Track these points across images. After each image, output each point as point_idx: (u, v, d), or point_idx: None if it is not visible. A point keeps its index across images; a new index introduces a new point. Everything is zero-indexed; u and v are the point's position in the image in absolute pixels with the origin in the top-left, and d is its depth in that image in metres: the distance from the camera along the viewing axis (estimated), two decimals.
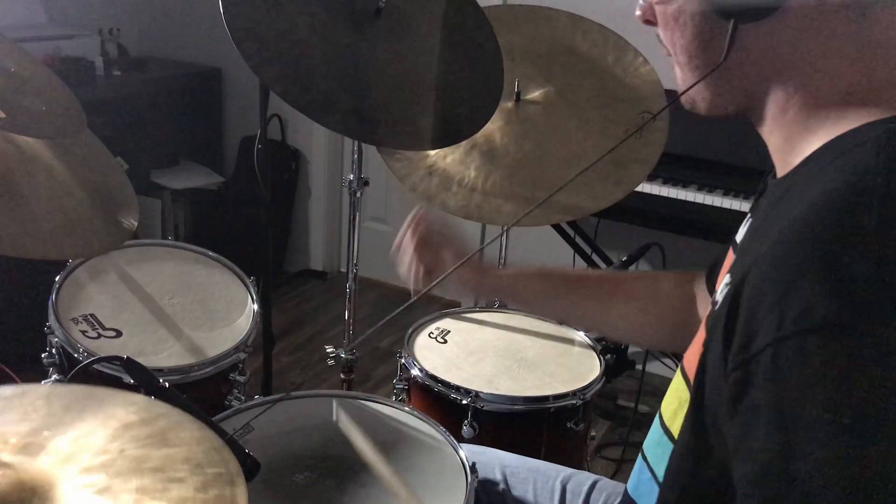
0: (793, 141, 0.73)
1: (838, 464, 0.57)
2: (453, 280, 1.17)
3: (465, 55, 1.50)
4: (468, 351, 1.65)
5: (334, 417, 1.32)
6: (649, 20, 0.79)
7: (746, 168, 2.40)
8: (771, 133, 0.76)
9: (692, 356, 0.80)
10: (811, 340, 0.58)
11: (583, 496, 1.17)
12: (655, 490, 0.85)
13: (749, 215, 0.88)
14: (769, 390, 0.60)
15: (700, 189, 2.43)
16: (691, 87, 0.77)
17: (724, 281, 0.77)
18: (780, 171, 0.76)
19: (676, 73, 0.80)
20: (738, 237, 0.87)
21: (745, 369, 0.62)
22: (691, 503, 0.75)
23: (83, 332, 1.47)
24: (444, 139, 1.49)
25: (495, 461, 1.26)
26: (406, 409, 1.35)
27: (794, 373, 0.59)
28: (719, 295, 0.75)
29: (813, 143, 0.70)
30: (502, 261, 2.25)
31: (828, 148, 0.68)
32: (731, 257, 0.88)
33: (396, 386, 1.60)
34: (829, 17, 0.68)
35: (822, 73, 0.70)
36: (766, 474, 0.61)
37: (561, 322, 1.30)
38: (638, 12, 0.79)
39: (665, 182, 2.46)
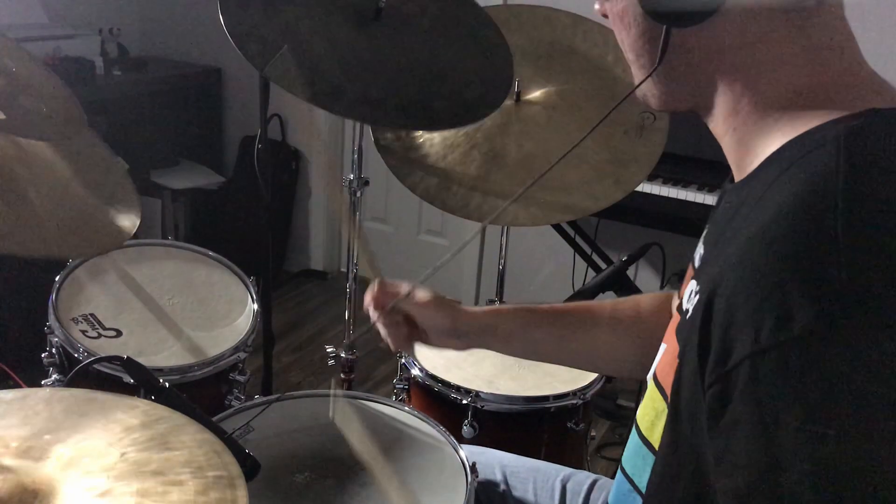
0: (747, 143, 0.73)
1: (825, 474, 0.57)
2: (428, 327, 1.10)
3: (471, 48, 1.50)
4: (468, 351, 1.64)
5: (334, 417, 1.32)
6: (605, 14, 0.80)
7: None
8: (724, 134, 0.76)
9: (665, 366, 0.79)
10: (789, 351, 0.57)
11: (583, 495, 1.18)
12: (637, 502, 0.85)
13: (708, 223, 0.87)
14: (749, 404, 0.60)
15: (700, 189, 2.43)
16: (635, 88, 0.79)
17: (689, 288, 0.76)
18: (737, 174, 0.76)
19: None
20: (698, 251, 0.86)
21: (724, 383, 0.61)
22: None
23: (83, 331, 1.47)
24: (458, 120, 1.48)
25: (495, 461, 1.26)
26: (406, 409, 1.35)
27: (775, 385, 0.58)
28: (688, 303, 0.74)
29: (769, 145, 0.70)
30: (502, 260, 2.25)
31: (785, 150, 0.68)
32: (691, 269, 0.87)
33: (396, 386, 1.60)
34: (771, 20, 0.69)
35: (768, 74, 0.70)
36: (752, 489, 0.60)
37: (547, 360, 1.21)
38: (597, 6, 0.80)
39: (665, 182, 2.46)
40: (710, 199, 2.39)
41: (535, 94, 1.75)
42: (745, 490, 0.60)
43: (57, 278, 1.55)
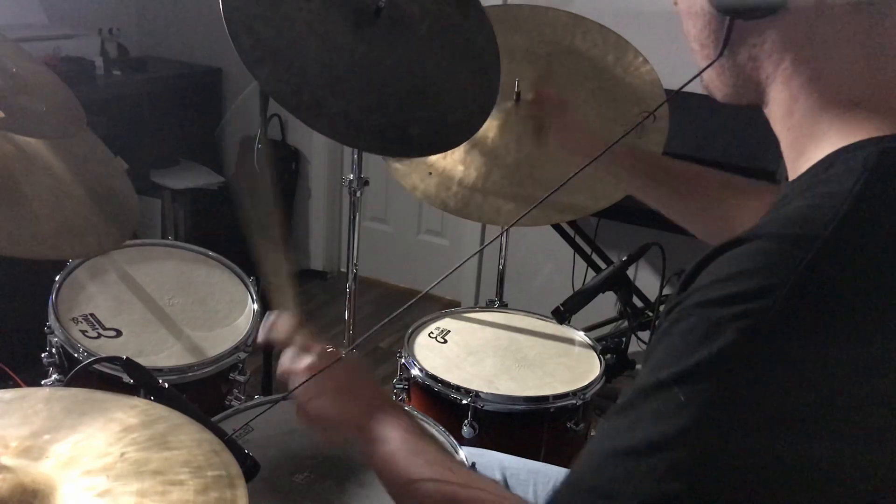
0: (800, 146, 0.72)
1: (661, 427, 0.60)
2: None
3: (463, 57, 1.50)
4: (468, 351, 1.65)
5: None
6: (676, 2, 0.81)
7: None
8: (780, 134, 0.76)
9: None
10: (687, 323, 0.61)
11: None
12: None
13: None
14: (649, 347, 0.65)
15: None
16: (694, 77, 0.80)
17: None
18: (791, 175, 0.76)
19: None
20: None
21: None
22: None
23: (83, 331, 1.47)
24: (431, 147, 1.48)
25: (495, 463, 1.26)
26: (406, 409, 1.35)
27: (676, 337, 0.62)
28: None
29: (822, 150, 0.69)
30: (502, 260, 2.25)
31: (829, 160, 0.67)
32: None
33: (396, 386, 1.60)
34: (839, 18, 0.67)
35: (827, 76, 0.69)
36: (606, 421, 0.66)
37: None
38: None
39: None
40: None
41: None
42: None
43: (57, 278, 1.55)
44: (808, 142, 0.71)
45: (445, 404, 1.51)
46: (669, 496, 0.58)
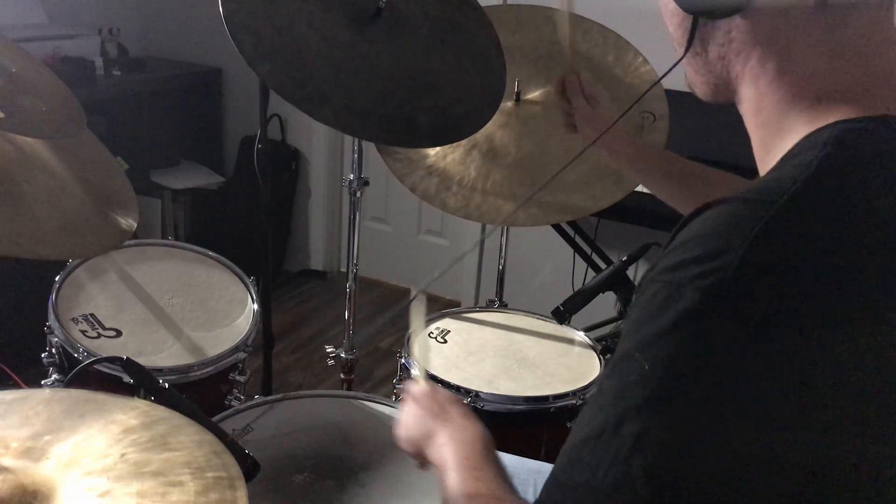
0: (768, 143, 0.73)
1: (624, 397, 0.59)
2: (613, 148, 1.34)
3: (466, 55, 1.50)
4: (468, 351, 1.65)
5: (334, 417, 1.32)
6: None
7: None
8: (751, 132, 0.77)
9: None
10: (660, 290, 0.60)
11: None
12: None
13: None
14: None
15: None
16: (664, 75, 0.85)
17: None
18: (761, 172, 0.77)
19: None
20: None
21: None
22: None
23: (83, 331, 1.47)
24: (441, 137, 1.48)
25: None
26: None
27: (640, 308, 0.62)
28: None
29: (788, 145, 0.70)
30: (502, 260, 2.25)
31: (793, 149, 0.68)
32: None
33: (396, 386, 1.60)
34: (801, 18, 0.69)
35: (793, 74, 0.70)
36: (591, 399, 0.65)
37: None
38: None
39: None
40: None
41: (535, 94, 1.75)
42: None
43: (57, 278, 1.55)
44: (776, 138, 0.72)
45: None
46: (639, 470, 0.57)
